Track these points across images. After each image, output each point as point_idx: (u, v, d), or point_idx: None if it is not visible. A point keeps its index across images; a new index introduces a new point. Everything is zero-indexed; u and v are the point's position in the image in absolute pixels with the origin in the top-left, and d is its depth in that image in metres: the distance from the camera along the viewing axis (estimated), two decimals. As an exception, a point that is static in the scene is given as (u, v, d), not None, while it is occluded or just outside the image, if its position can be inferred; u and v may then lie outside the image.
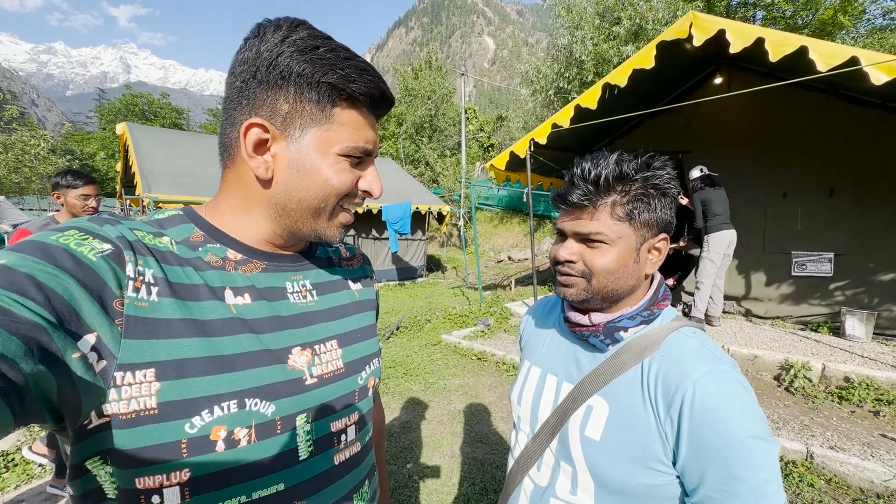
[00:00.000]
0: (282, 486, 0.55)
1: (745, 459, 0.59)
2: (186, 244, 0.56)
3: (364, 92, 0.56)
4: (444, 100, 28.26)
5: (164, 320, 0.48)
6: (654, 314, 0.75)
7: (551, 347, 0.87)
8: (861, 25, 13.64)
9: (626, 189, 0.70)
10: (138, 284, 0.47)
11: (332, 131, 0.56)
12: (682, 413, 0.63)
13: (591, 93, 4.74)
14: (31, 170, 13.77)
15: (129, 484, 0.46)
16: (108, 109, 41.12)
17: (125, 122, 8.46)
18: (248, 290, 0.57)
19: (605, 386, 0.72)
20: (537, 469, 0.81)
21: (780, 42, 3.53)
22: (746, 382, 0.65)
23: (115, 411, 0.44)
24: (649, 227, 0.72)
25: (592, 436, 0.71)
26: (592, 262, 0.72)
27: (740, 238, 5.64)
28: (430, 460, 2.86)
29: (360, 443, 0.68)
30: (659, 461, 0.65)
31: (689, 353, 0.68)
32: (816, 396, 3.49)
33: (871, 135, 4.73)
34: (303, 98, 0.54)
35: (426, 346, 5.35)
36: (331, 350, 0.64)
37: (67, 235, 0.45)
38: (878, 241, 4.77)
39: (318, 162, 0.56)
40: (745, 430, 0.60)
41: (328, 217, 0.60)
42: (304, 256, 0.68)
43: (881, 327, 4.61)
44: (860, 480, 2.49)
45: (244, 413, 0.51)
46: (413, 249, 10.96)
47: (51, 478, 2.55)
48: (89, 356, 0.41)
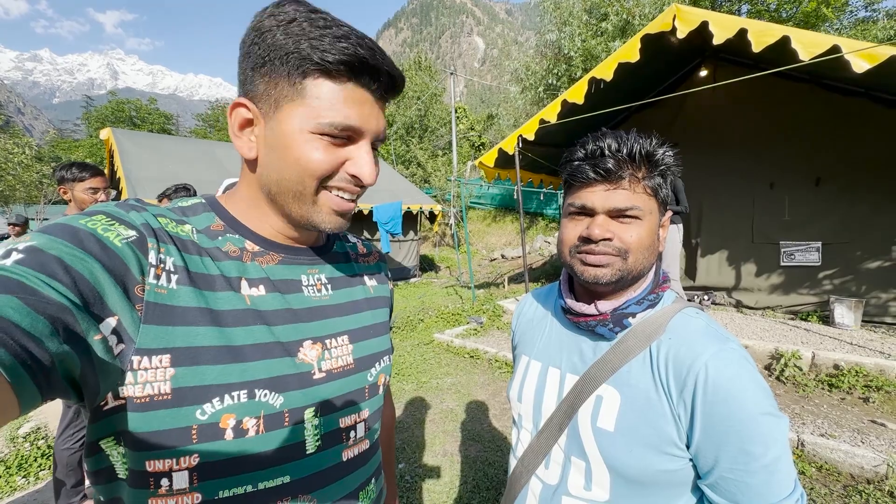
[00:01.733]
0: (287, 478, 0.54)
1: (758, 436, 0.59)
2: (207, 233, 0.56)
3: (338, 60, 0.50)
4: (433, 100, 28.24)
5: (182, 308, 0.48)
6: (658, 297, 0.74)
7: (550, 340, 0.84)
8: (844, 17, 13.79)
9: (653, 164, 0.69)
10: (159, 272, 0.48)
11: (304, 106, 0.52)
12: (695, 394, 0.62)
13: (578, 87, 4.73)
14: (14, 178, 13.55)
15: (139, 466, 0.47)
16: (96, 116, 40.66)
17: (109, 128, 8.35)
18: (263, 282, 0.57)
19: (614, 374, 0.70)
20: (545, 467, 0.77)
21: (763, 32, 3.54)
22: (751, 358, 0.66)
23: (130, 394, 0.45)
24: (664, 204, 0.72)
25: (605, 426, 0.69)
26: (629, 237, 0.68)
27: (729, 229, 5.68)
28: (423, 459, 2.84)
29: (369, 441, 0.67)
30: (674, 445, 0.64)
31: (697, 334, 0.67)
32: (807, 385, 3.50)
33: (855, 124, 4.77)
34: (275, 73, 0.51)
35: (419, 346, 5.32)
36: (341, 345, 0.64)
37: (95, 220, 0.46)
38: (864, 229, 4.81)
39: (287, 140, 0.52)
40: (757, 406, 0.60)
41: (311, 201, 0.56)
42: (321, 251, 0.68)
43: (869, 315, 4.65)
44: (851, 466, 2.50)
45: (253, 403, 0.51)
46: (405, 250, 10.92)
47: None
48: (110, 339, 0.42)
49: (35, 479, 2.71)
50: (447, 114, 28.30)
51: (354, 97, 0.53)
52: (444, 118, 28.35)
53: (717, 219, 5.78)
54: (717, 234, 5.79)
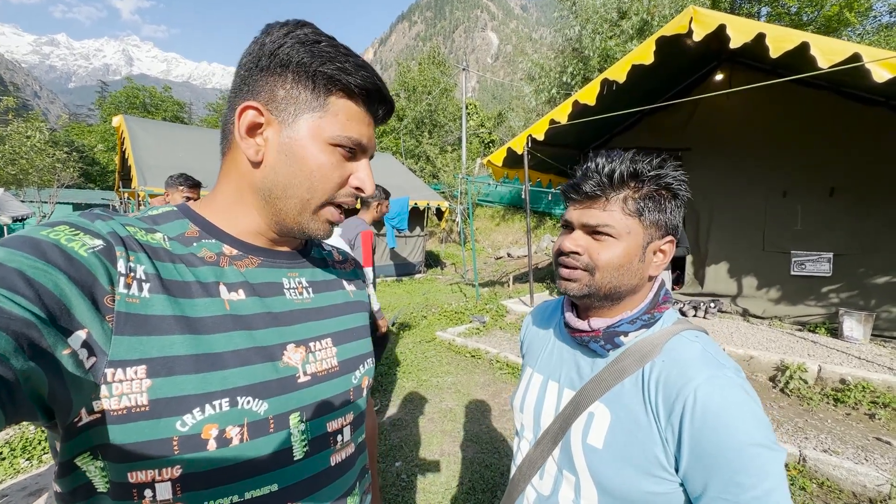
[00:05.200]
0: (275, 486, 0.54)
1: (748, 468, 0.57)
2: (180, 240, 0.55)
3: (360, 85, 0.56)
4: (444, 95, 28.14)
5: (156, 317, 0.48)
6: (654, 318, 0.73)
7: (552, 353, 0.86)
8: (867, 22, 13.47)
9: (638, 186, 0.69)
10: (129, 281, 0.47)
11: (326, 119, 0.56)
12: (682, 419, 0.61)
13: (590, 88, 4.68)
14: (27, 161, 13.70)
15: (121, 477, 0.46)
16: (110, 102, 41.03)
17: (122, 115, 8.43)
18: (242, 286, 0.57)
19: (607, 392, 0.71)
20: (539, 478, 0.80)
21: (782, 38, 3.47)
22: (751, 388, 0.63)
23: (106, 407, 0.44)
24: (657, 228, 0.71)
25: (595, 444, 0.69)
26: (598, 255, 0.70)
27: (739, 236, 5.60)
28: (420, 459, 2.84)
29: (354, 444, 0.68)
30: (662, 468, 0.64)
31: (691, 358, 0.66)
32: (812, 398, 3.45)
33: (872, 134, 4.67)
34: (299, 85, 0.55)
35: (420, 343, 5.32)
36: (325, 348, 0.64)
37: (58, 231, 0.44)
38: (877, 241, 4.72)
39: (307, 149, 0.55)
40: (748, 437, 0.58)
41: (313, 210, 0.58)
42: (300, 254, 0.69)
43: (879, 329, 4.57)
44: (853, 485, 2.46)
45: (236, 411, 0.50)
46: (411, 245, 10.92)
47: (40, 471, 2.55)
48: (80, 353, 0.41)
49: (38, 462, 2.75)
50: (458, 109, 28.19)
51: (365, 119, 0.59)
52: (455, 114, 28.25)
53: (727, 225, 5.70)
54: (726, 240, 5.72)
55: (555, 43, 16.35)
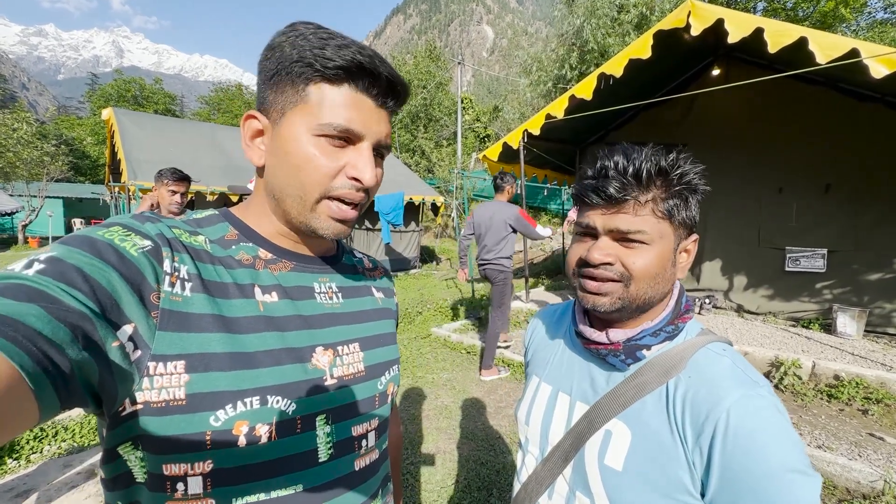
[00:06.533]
0: (300, 487, 0.55)
1: (784, 495, 0.53)
2: (220, 243, 0.58)
3: (340, 66, 0.53)
4: (439, 89, 27.98)
5: (196, 315, 0.50)
6: (678, 328, 0.68)
7: (561, 362, 0.80)
8: (862, 18, 13.51)
9: (666, 185, 0.63)
10: (174, 280, 0.49)
11: (306, 111, 0.54)
12: (713, 443, 0.56)
13: (587, 83, 4.64)
14: (15, 155, 13.43)
15: (157, 469, 0.48)
16: (100, 94, 40.40)
17: (111, 108, 8.27)
18: (275, 289, 0.59)
19: (626, 409, 0.65)
20: (548, 497, 0.74)
21: (780, 32, 3.44)
22: (783, 407, 0.59)
23: (146, 399, 0.46)
24: (685, 227, 0.66)
25: (613, 465, 0.64)
26: (633, 263, 0.63)
27: (735, 232, 5.60)
28: (415, 457, 2.82)
29: (378, 450, 0.68)
30: (687, 493, 0.60)
31: (721, 375, 0.61)
32: (806, 394, 3.47)
33: (868, 130, 4.67)
34: (282, 83, 0.55)
35: (416, 339, 5.30)
36: (353, 352, 0.65)
37: (112, 231, 0.48)
38: (871, 238, 4.74)
39: (292, 144, 0.55)
40: (784, 463, 0.54)
41: (310, 207, 0.57)
42: (331, 261, 0.70)
43: (872, 324, 4.60)
44: (847, 481, 2.47)
45: (266, 409, 0.52)
46: (406, 240, 10.87)
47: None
48: (126, 346, 0.44)
49: (26, 462, 2.70)
50: (453, 104, 28.05)
51: (354, 102, 0.55)
52: (450, 108, 28.12)
53: (723, 221, 5.71)
54: (722, 236, 5.73)
55: (551, 37, 16.25)
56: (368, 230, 10.03)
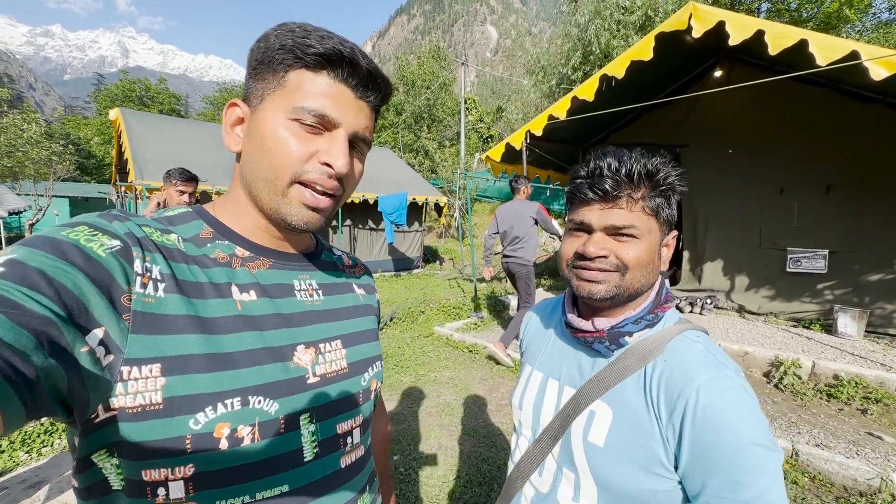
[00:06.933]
0: (286, 487, 0.54)
1: (746, 467, 0.59)
2: (194, 241, 0.56)
3: (320, 52, 0.53)
4: (443, 89, 28.04)
5: (170, 316, 0.48)
6: (657, 317, 0.74)
7: (552, 352, 0.86)
8: (867, 19, 13.46)
9: (653, 185, 0.70)
10: (146, 280, 0.48)
11: (284, 95, 0.54)
12: (684, 419, 0.62)
13: (589, 84, 4.67)
14: (24, 154, 13.60)
15: (136, 475, 0.47)
16: (105, 95, 40.67)
17: (118, 108, 8.37)
18: (254, 287, 0.58)
19: (608, 391, 0.71)
20: (538, 475, 0.80)
21: (780, 35, 3.47)
22: (750, 388, 0.64)
23: (121, 405, 0.45)
24: (668, 224, 0.73)
25: (596, 441, 0.70)
26: (626, 254, 0.70)
27: (737, 233, 5.62)
28: (418, 452, 2.87)
29: (364, 446, 0.68)
30: (662, 466, 0.65)
31: (693, 358, 0.66)
32: (805, 394, 3.49)
33: (869, 131, 4.69)
34: (265, 71, 0.55)
35: (418, 338, 5.35)
36: (335, 350, 0.64)
37: (77, 231, 0.46)
38: (872, 239, 4.75)
39: (266, 127, 0.55)
40: (748, 437, 0.59)
41: (281, 192, 0.56)
42: (310, 257, 0.69)
43: (873, 325, 4.62)
44: (844, 478, 2.50)
45: (247, 410, 0.51)
46: (409, 240, 10.93)
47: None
48: (97, 350, 0.42)
49: (37, 455, 2.76)
50: (456, 104, 28.11)
51: (332, 90, 0.55)
52: (454, 108, 28.16)
53: (725, 222, 5.72)
54: (724, 237, 5.74)
55: (555, 35, 16.25)
56: (372, 230, 10.10)
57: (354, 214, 9.74)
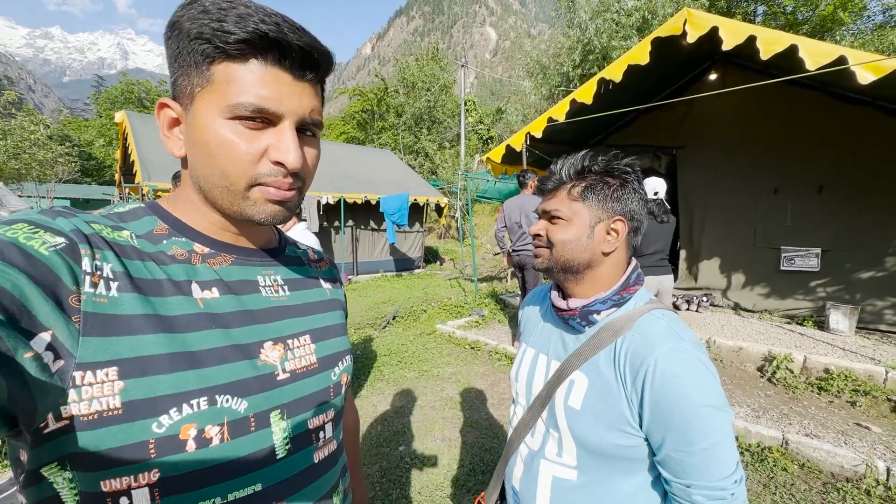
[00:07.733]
0: (259, 486, 0.53)
1: (697, 425, 0.70)
2: (148, 238, 0.53)
3: (242, 38, 0.47)
4: (443, 91, 28.17)
5: (126, 316, 0.46)
6: (624, 298, 0.84)
7: (543, 331, 0.98)
8: (861, 22, 13.61)
9: (583, 177, 0.85)
10: (96, 279, 0.45)
11: (215, 93, 0.49)
12: (644, 383, 0.72)
13: (587, 88, 4.79)
14: (30, 156, 13.74)
15: (93, 487, 0.44)
16: (105, 97, 40.77)
17: (124, 111, 8.48)
18: (216, 284, 0.56)
19: (585, 362, 0.82)
20: (531, 436, 0.92)
21: (772, 40, 3.59)
22: (706, 358, 0.74)
23: (75, 413, 0.42)
24: (604, 210, 0.84)
25: (574, 405, 0.81)
26: (553, 234, 0.86)
27: (732, 232, 5.74)
28: (422, 443, 2.97)
29: (336, 440, 0.68)
30: (628, 424, 0.76)
31: (655, 332, 0.76)
32: (797, 387, 3.60)
33: (859, 133, 4.81)
34: (186, 65, 0.50)
35: (421, 336, 5.46)
36: (304, 345, 0.63)
37: (15, 229, 0.42)
38: (863, 237, 4.86)
39: (205, 131, 0.50)
40: (699, 399, 0.70)
41: (241, 195, 0.53)
42: (273, 253, 0.67)
43: (864, 321, 4.73)
44: (831, 465, 2.61)
45: (215, 410, 0.49)
46: (411, 241, 11.04)
47: None
48: (44, 356, 0.39)
49: None
50: (456, 106, 28.23)
51: (266, 77, 0.49)
52: (454, 110, 28.29)
53: (720, 221, 5.84)
54: (720, 236, 5.86)
55: (556, 35, 16.35)
56: (374, 230, 10.21)
57: (356, 215, 9.86)
